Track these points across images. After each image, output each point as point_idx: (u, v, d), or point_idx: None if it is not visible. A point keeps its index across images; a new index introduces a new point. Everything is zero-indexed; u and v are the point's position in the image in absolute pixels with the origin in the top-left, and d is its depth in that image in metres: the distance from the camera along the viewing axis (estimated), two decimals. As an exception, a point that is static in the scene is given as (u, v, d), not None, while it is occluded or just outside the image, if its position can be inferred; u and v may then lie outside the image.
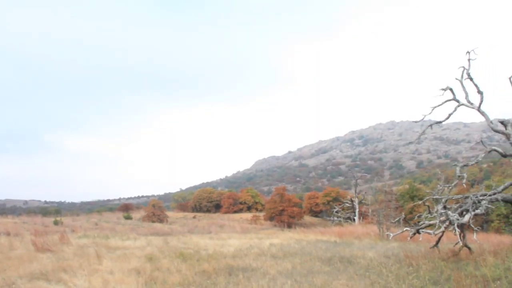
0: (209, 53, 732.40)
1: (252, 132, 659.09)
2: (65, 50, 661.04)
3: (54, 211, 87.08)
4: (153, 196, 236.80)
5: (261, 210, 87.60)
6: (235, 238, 32.72)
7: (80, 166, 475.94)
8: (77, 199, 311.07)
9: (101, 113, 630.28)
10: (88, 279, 12.93)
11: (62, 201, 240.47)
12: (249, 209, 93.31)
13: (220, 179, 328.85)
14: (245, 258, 18.77)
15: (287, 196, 73.21)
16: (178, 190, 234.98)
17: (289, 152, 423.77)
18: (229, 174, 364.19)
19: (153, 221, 66.22)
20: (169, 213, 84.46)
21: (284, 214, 66.71)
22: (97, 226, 53.89)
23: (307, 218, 78.85)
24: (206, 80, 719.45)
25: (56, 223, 52.03)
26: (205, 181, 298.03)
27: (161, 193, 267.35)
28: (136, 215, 76.74)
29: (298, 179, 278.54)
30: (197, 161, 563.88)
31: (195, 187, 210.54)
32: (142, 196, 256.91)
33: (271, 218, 69.30)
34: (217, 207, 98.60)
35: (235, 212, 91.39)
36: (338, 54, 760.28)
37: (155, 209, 70.95)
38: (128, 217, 69.90)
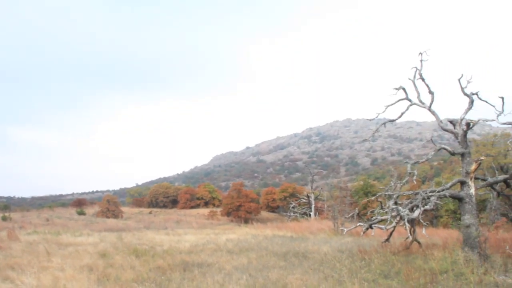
0: (167, 48, 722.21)
1: (210, 127, 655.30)
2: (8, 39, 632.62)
3: (2, 206, 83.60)
4: (108, 191, 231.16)
5: (218, 206, 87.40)
6: (192, 234, 32.56)
7: (31, 160, 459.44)
8: (27, 194, 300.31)
9: (56, 107, 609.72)
10: (37, 276, 12.52)
11: (11, 196, 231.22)
12: (206, 204, 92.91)
13: (178, 174, 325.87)
14: (201, 254, 18.72)
15: (245, 191, 73.40)
16: (134, 185, 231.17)
17: (247, 147, 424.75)
18: (187, 169, 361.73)
19: (108, 217, 64.92)
20: (125, 209, 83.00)
21: (241, 210, 66.85)
22: (48, 222, 52.26)
23: (264, 214, 79.31)
24: (164, 75, 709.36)
25: (4, 219, 50.09)
26: (162, 176, 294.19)
27: (117, 188, 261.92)
28: (90, 210, 75.03)
29: (256, 174, 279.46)
30: (154, 156, 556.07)
31: (152, 182, 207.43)
32: (97, 191, 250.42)
33: (228, 214, 69.30)
34: (174, 203, 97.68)
35: (192, 207, 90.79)
36: (297, 51, 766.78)
37: (110, 205, 69.55)
38: (81, 213, 68.20)
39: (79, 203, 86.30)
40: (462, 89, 16.39)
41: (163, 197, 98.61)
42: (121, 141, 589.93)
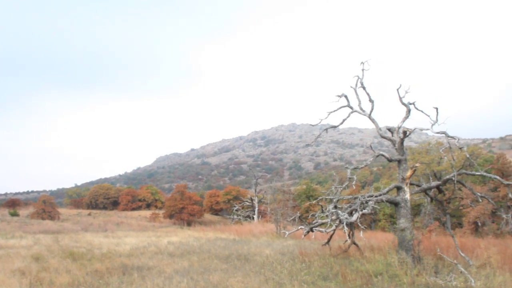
0: (112, 49, 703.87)
1: (155, 128, 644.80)
2: None
3: None
4: (44, 191, 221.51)
5: (161, 208, 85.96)
6: (132, 236, 31.87)
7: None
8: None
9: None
10: (-36, 281, 11.82)
11: None
12: (148, 206, 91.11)
13: (119, 175, 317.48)
14: (141, 257, 18.37)
15: (188, 194, 72.65)
16: (73, 185, 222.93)
17: (192, 149, 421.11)
18: (129, 170, 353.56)
19: (43, 218, 62.07)
20: (62, 210, 79.84)
21: (184, 212, 66.08)
22: (-23, 223, 49.32)
23: (208, 216, 78.89)
24: (108, 76, 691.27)
25: None
26: (102, 177, 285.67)
27: (54, 188, 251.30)
28: (24, 211, 71.55)
29: (200, 177, 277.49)
30: (95, 156, 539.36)
31: (92, 183, 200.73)
32: (32, 191, 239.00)
33: (170, 216, 68.28)
34: (114, 204, 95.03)
35: (134, 209, 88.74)
36: (244, 56, 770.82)
37: (46, 205, 66.53)
38: (14, 214, 64.88)
39: (12, 203, 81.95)
40: (400, 98, 17.11)
41: (104, 198, 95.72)
42: (60, 141, 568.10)
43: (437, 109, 16.39)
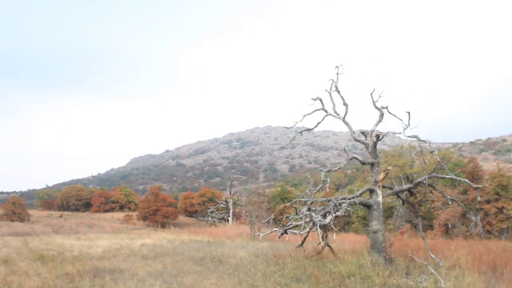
0: (86, 49, 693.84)
1: (129, 129, 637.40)
2: None
3: None
4: (14, 192, 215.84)
5: (134, 210, 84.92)
6: (105, 239, 31.41)
7: None
8: None
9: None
10: None
11: None
12: (121, 208, 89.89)
13: (92, 176, 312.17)
14: (113, 259, 18.12)
15: (162, 195, 71.96)
16: (44, 186, 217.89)
17: (167, 151, 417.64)
18: (102, 171, 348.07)
19: (13, 220, 60.55)
20: (33, 212, 78.03)
21: (158, 214, 65.42)
22: None
23: (182, 218, 78.33)
24: (81, 75, 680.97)
25: None
26: (75, 178, 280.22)
27: (24, 189, 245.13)
28: (-8, 213, 69.65)
29: (174, 178, 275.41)
30: (67, 157, 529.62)
31: (64, 184, 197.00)
32: (1, 193, 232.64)
33: (144, 218, 67.49)
34: (87, 206, 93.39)
35: (107, 211, 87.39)
36: (220, 58, 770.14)
37: (15, 207, 64.94)
38: (-18, 216, 63.11)
39: (-20, 205, 79.82)
40: (374, 102, 17.37)
41: (76, 200, 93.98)
42: (31, 141, 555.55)
43: (409, 113, 16.71)
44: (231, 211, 59.42)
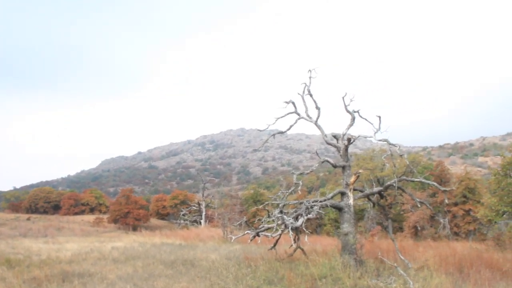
0: (58, 48, 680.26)
1: (100, 131, 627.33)
2: None
3: None
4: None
5: (105, 212, 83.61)
6: (74, 242, 30.81)
7: None
8: None
9: None
10: None
11: None
12: (92, 211, 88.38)
13: (62, 178, 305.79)
14: (83, 263, 17.79)
15: (134, 198, 71.10)
16: (11, 188, 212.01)
17: (139, 152, 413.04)
18: (72, 173, 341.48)
19: (-23, 223, 58.76)
20: (-1, 214, 75.89)
21: (129, 217, 64.58)
22: None
23: (154, 221, 77.54)
24: (52, 74, 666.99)
25: None
26: (43, 180, 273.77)
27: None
28: (-44, 216, 67.50)
29: (147, 180, 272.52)
30: (35, 158, 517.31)
31: (32, 186, 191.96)
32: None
33: (115, 221, 66.52)
34: (55, 208, 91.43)
35: (76, 214, 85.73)
36: (193, 60, 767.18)
37: (-20, 210, 63.07)
38: None
39: None
40: (346, 106, 17.60)
41: (44, 202, 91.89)
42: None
43: (380, 117, 16.99)
44: (204, 213, 59.14)
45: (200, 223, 58.95)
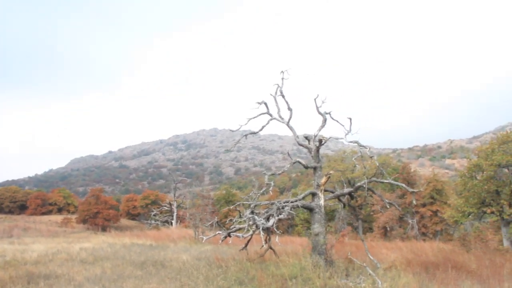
0: (29, 44, 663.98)
1: (69, 129, 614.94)
2: None
3: None
4: None
5: (73, 212, 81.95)
6: (41, 243, 30.12)
7: None
8: None
9: None
10: None
11: None
12: (60, 211, 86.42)
13: (29, 177, 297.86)
14: (49, 264, 17.40)
15: (104, 198, 69.94)
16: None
17: (110, 152, 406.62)
18: (40, 172, 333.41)
19: None
20: (-39, 214, 73.53)
21: (98, 217, 63.50)
22: None
23: (124, 221, 76.48)
24: (19, 75, 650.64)
25: None
26: (9, 179, 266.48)
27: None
28: None
29: (117, 180, 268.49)
30: (1, 157, 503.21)
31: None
32: None
33: (84, 221, 65.29)
34: (22, 208, 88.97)
35: (44, 214, 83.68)
36: (166, 59, 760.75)
37: None
38: None
39: None
40: (317, 108, 17.76)
41: (10, 202, 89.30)
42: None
43: (350, 119, 17.20)
44: (175, 214, 58.65)
45: (171, 223, 58.44)
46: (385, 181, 17.27)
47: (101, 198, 67.42)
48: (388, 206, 18.28)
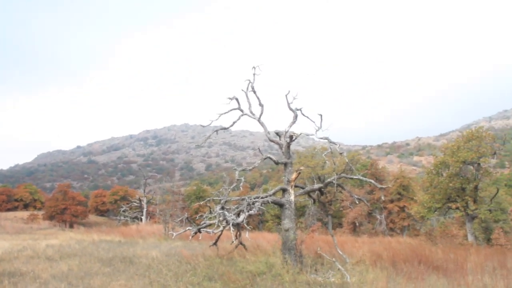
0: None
1: (36, 123, 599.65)
2: None
3: None
4: None
5: (40, 209, 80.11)
6: (5, 240, 29.33)
7: None
8: None
9: None
10: None
11: None
12: (26, 207, 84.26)
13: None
14: (14, 262, 16.95)
15: (72, 193, 68.64)
16: None
17: (78, 147, 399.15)
18: (5, 167, 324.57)
19: None
20: None
21: (66, 213, 62.27)
22: None
23: (93, 218, 75.26)
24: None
25: None
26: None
27: None
28: None
29: (86, 176, 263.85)
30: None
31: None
32: None
33: (51, 217, 63.88)
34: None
35: (9, 210, 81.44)
36: (137, 54, 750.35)
37: None
38: None
39: None
40: (288, 104, 17.84)
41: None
42: None
43: (321, 116, 17.34)
44: (145, 210, 58.07)
45: (141, 219, 57.85)
46: (355, 177, 17.50)
47: (68, 194, 66.13)
48: (357, 202, 18.58)
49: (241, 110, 17.91)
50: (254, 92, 17.95)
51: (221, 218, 13.23)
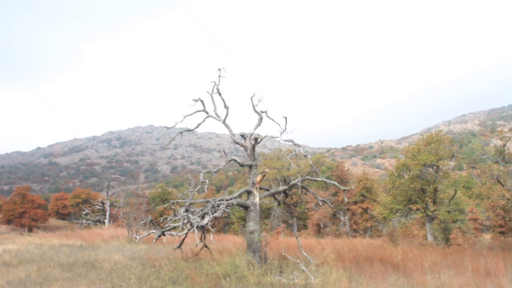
0: None
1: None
2: None
3: None
4: None
5: (-3, 213, 77.35)
6: (-41, 245, 28.14)
7: None
8: None
9: None
10: None
11: None
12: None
13: None
14: (-32, 268, 16.28)
15: (31, 196, 66.43)
16: None
17: (38, 148, 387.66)
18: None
19: None
20: None
21: (25, 217, 60.27)
22: None
23: (53, 221, 73.14)
24: None
25: None
26: None
27: None
28: None
29: (46, 178, 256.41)
30: None
31: None
32: None
33: (9, 221, 61.72)
34: None
35: (-37, 214, 78.39)
36: (102, 55, 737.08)
37: None
38: None
39: None
40: (254, 106, 17.88)
41: None
42: None
43: (286, 118, 17.47)
44: (108, 213, 56.93)
45: (104, 223, 56.68)
46: (319, 179, 17.70)
47: (27, 197, 64.00)
48: (321, 204, 18.75)
49: (206, 112, 17.83)
50: (220, 94, 17.91)
51: (185, 221, 13.12)
